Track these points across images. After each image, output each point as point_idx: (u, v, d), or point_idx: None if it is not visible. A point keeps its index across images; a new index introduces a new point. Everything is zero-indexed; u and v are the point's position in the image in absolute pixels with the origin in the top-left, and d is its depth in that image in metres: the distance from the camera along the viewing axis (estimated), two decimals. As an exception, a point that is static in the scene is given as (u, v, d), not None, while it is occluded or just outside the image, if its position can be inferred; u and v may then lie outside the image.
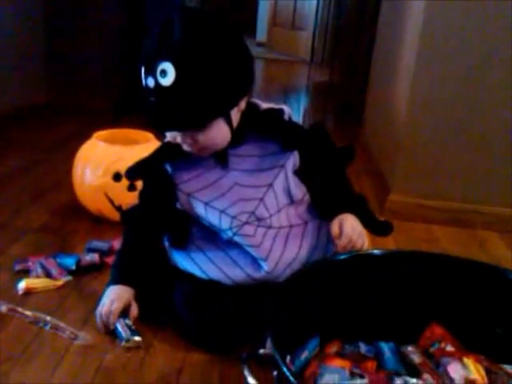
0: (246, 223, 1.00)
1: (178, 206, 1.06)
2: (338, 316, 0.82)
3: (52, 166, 1.91)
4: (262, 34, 5.88)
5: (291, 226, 1.04)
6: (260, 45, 5.72)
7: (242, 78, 0.95)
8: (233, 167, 1.01)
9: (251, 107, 1.02)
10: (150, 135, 1.54)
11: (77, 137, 1.60)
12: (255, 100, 1.05)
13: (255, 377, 0.67)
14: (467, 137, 1.69)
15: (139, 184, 1.45)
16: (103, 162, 1.43)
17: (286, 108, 1.05)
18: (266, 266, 1.00)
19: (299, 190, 1.05)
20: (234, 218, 1.00)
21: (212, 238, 1.05)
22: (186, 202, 1.04)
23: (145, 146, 1.49)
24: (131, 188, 1.44)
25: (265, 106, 1.05)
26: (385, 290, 0.86)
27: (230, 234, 1.01)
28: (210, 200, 1.02)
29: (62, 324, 1.04)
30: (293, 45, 5.36)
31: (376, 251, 0.87)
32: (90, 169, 1.44)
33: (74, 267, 1.21)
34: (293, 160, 1.03)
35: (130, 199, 1.48)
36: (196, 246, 1.07)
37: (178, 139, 0.96)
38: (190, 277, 1.05)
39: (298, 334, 0.78)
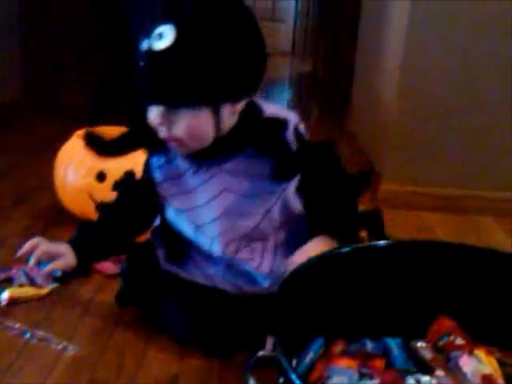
0: (240, 249, 0.94)
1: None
2: (342, 313, 0.78)
3: (33, 168, 1.83)
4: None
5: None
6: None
7: (248, 71, 0.84)
8: (223, 187, 0.90)
9: (252, 111, 0.89)
10: (133, 132, 1.48)
11: (58, 137, 1.54)
12: (259, 101, 0.91)
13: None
14: (457, 122, 1.67)
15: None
16: (85, 162, 1.37)
17: (293, 117, 0.90)
18: (266, 284, 0.93)
19: (297, 204, 0.94)
20: (226, 246, 0.93)
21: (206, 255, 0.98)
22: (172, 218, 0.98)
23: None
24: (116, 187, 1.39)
25: (270, 110, 0.90)
26: (389, 283, 0.82)
27: (224, 258, 0.95)
28: (200, 224, 0.94)
29: (49, 335, 0.98)
30: (273, 37, 5.31)
31: (380, 243, 0.83)
32: (71, 169, 1.39)
33: (59, 274, 1.15)
34: (294, 183, 0.92)
35: (115, 200, 1.43)
36: (193, 261, 0.99)
37: (157, 120, 0.84)
38: (185, 283, 0.98)
39: (301, 335, 0.74)
